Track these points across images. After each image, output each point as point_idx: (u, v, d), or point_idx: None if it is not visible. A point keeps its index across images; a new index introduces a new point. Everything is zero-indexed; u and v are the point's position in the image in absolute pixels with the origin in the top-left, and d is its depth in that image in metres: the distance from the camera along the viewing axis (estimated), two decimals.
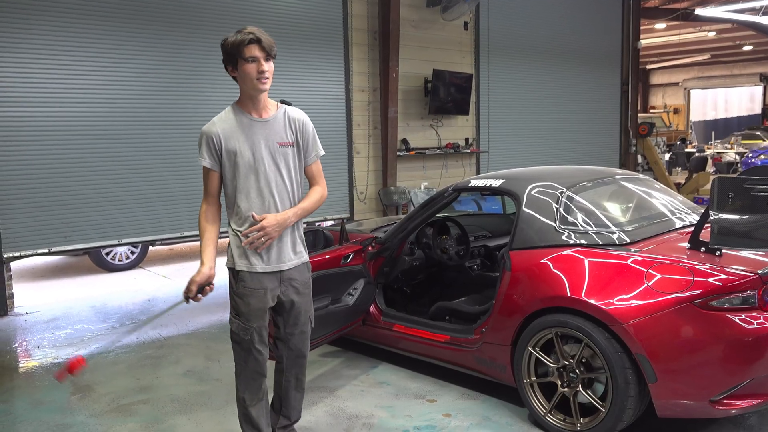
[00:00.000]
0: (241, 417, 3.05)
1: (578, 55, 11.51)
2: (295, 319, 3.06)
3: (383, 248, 4.43)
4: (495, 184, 4.11)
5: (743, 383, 2.99)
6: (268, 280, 2.92)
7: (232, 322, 2.95)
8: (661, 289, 3.09)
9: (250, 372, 2.97)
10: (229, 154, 2.85)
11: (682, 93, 29.04)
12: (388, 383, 4.19)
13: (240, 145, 2.85)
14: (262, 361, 2.97)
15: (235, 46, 2.75)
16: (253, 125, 2.88)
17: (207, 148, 2.85)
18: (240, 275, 2.90)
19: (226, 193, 2.93)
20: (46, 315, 6.05)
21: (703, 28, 18.24)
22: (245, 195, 2.88)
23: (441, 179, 9.72)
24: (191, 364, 4.67)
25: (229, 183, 2.90)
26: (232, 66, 2.81)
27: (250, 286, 2.89)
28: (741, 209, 3.20)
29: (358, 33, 8.64)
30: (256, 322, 2.91)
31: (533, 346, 3.47)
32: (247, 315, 2.90)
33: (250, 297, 2.89)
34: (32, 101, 6.21)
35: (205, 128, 2.87)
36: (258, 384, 3.00)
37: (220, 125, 2.86)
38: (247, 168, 2.86)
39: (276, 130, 2.91)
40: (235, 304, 2.93)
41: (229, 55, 2.79)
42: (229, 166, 2.87)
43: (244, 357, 2.96)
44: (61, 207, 6.41)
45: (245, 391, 3.00)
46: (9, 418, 3.85)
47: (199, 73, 7.20)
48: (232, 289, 2.94)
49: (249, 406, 3.00)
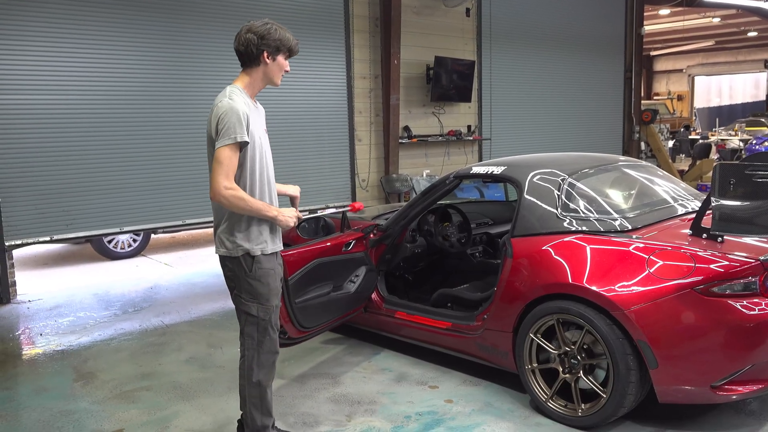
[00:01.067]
0: (254, 403, 3.04)
1: (581, 41, 11.44)
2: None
3: (385, 235, 4.43)
4: (497, 171, 4.09)
5: (744, 369, 2.99)
6: (276, 260, 3.04)
7: (250, 307, 2.96)
8: (662, 276, 3.09)
9: (267, 352, 3.02)
10: (252, 134, 2.87)
11: (686, 79, 28.86)
12: (390, 370, 4.20)
13: (256, 128, 2.93)
14: (276, 340, 3.06)
15: (287, 43, 2.93)
16: (257, 111, 3.02)
17: (241, 124, 2.78)
18: (257, 258, 2.94)
19: (243, 176, 2.88)
20: (48, 303, 6.08)
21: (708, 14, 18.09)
22: (259, 178, 2.95)
23: (443, 167, 9.70)
24: (193, 351, 4.69)
25: (247, 167, 2.88)
26: (272, 55, 2.91)
27: (266, 266, 2.96)
28: (743, 196, 3.19)
29: (359, 19, 8.59)
30: (275, 300, 3.01)
31: (535, 332, 3.47)
32: (267, 295, 2.97)
33: (269, 277, 2.97)
34: (34, 89, 6.20)
35: (238, 105, 2.81)
36: (273, 363, 3.06)
37: (244, 105, 2.85)
38: (260, 152, 2.95)
39: (262, 118, 3.09)
40: (251, 288, 2.95)
41: (275, 46, 2.90)
42: (251, 149, 2.88)
43: (259, 338, 3.00)
44: (62, 195, 6.42)
45: (260, 372, 3.01)
46: (12, 405, 3.87)
47: (200, 61, 7.17)
48: (246, 274, 2.93)
49: (266, 388, 3.05)
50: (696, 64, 28.30)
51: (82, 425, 3.57)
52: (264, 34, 2.87)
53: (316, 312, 3.92)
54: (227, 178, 2.77)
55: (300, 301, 3.79)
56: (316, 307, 3.91)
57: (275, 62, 2.93)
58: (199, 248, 8.50)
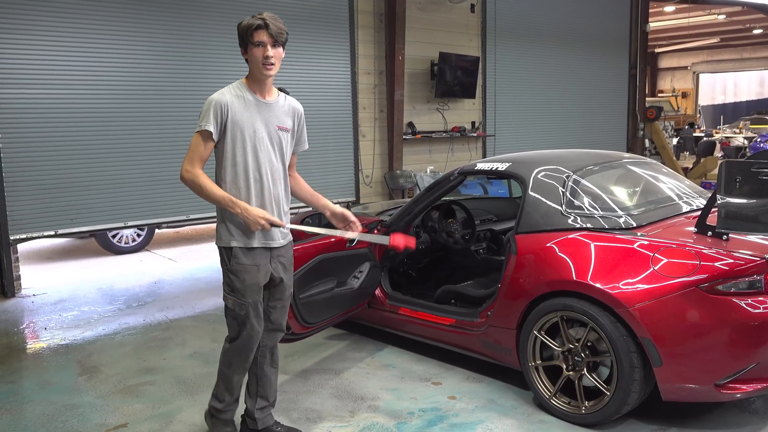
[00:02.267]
0: (222, 378, 3.11)
1: (586, 37, 11.41)
2: (280, 293, 3.14)
3: (389, 231, 4.43)
4: (501, 168, 4.08)
5: (748, 367, 2.98)
6: (260, 256, 2.98)
7: (227, 299, 3.01)
8: (667, 274, 3.08)
9: (242, 346, 3.02)
10: (234, 126, 2.89)
11: (690, 77, 28.75)
12: (394, 366, 4.20)
13: (245, 120, 2.92)
14: (255, 336, 3.03)
15: (245, 30, 2.87)
16: (259, 105, 2.97)
17: (214, 115, 2.86)
18: (234, 252, 2.94)
19: (223, 165, 2.93)
20: (53, 297, 6.09)
21: (713, 11, 18.00)
22: (243, 170, 2.93)
23: (447, 163, 9.69)
24: (197, 346, 4.70)
25: (228, 158, 2.92)
26: (244, 48, 2.92)
27: (243, 262, 2.94)
28: (748, 193, 3.18)
29: (363, 15, 8.57)
30: (250, 297, 2.97)
31: (539, 329, 3.47)
32: (242, 291, 2.95)
33: (244, 273, 2.94)
34: (39, 84, 6.20)
35: (216, 96, 2.90)
36: (247, 356, 3.07)
37: (229, 97, 2.91)
38: (248, 145, 2.92)
39: (276, 114, 3.02)
40: (230, 281, 2.98)
41: (241, 38, 2.91)
42: (231, 140, 2.90)
43: (237, 330, 3.01)
44: (67, 189, 6.42)
45: (234, 358, 3.05)
46: (17, 399, 3.88)
47: (205, 56, 7.17)
48: (226, 266, 2.99)
49: (235, 372, 3.08)
50: (701, 62, 28.19)
51: (86, 419, 3.58)
52: (237, 32, 2.91)
53: (319, 308, 3.92)
54: (190, 163, 2.86)
55: (304, 297, 3.80)
56: (320, 303, 3.92)
57: (250, 55, 2.90)
58: (203, 243, 8.51)
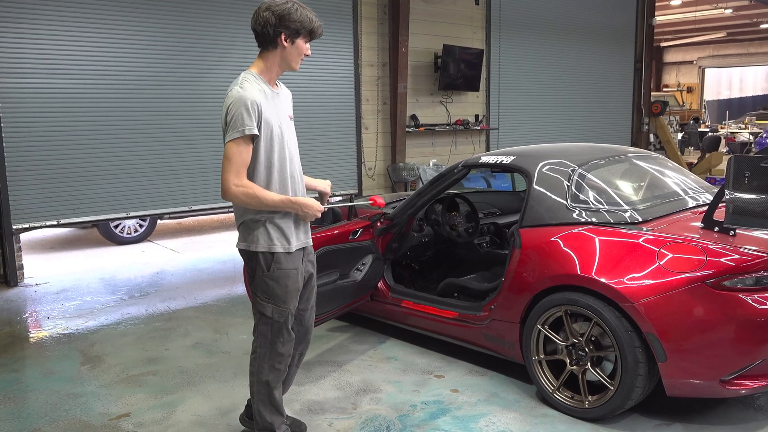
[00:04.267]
0: (262, 400, 2.94)
1: (591, 31, 11.34)
2: (309, 293, 3.06)
3: (392, 224, 4.41)
4: (506, 161, 4.06)
5: (754, 364, 2.97)
6: (299, 258, 2.86)
7: (265, 307, 2.82)
8: (673, 269, 3.06)
9: (278, 355, 2.88)
10: (266, 125, 2.68)
11: (696, 71, 28.61)
12: (396, 358, 4.20)
13: (272, 116, 2.72)
14: (290, 342, 2.91)
15: (308, 25, 2.71)
16: (276, 97, 2.81)
17: (250, 115, 2.59)
18: (276, 257, 2.77)
19: (257, 169, 2.71)
20: (55, 286, 6.09)
21: (720, 5, 17.89)
22: (278, 169, 2.76)
23: (450, 156, 9.66)
24: (200, 336, 4.70)
25: (262, 159, 2.70)
26: (290, 38, 2.70)
27: (285, 267, 2.79)
28: (757, 189, 3.15)
29: (367, 6, 8.52)
30: (291, 303, 2.85)
31: (542, 323, 3.45)
32: (284, 297, 2.81)
33: (287, 279, 2.80)
34: (42, 73, 6.18)
35: (247, 94, 2.61)
36: (284, 366, 2.93)
37: (257, 93, 2.67)
38: (279, 142, 2.75)
39: (285, 104, 2.90)
40: (268, 288, 2.80)
41: (294, 28, 2.68)
42: (265, 140, 2.69)
43: (272, 339, 2.85)
44: (70, 179, 6.42)
45: (270, 374, 2.89)
46: (20, 387, 3.89)
47: (209, 45, 7.13)
48: (264, 273, 2.78)
49: (274, 389, 2.92)
50: (707, 56, 28.04)
51: (89, 408, 3.58)
52: (283, 14, 2.64)
53: (322, 300, 3.91)
54: (237, 175, 2.60)
55: None
56: (323, 295, 3.90)
57: (294, 46, 2.70)
58: (206, 234, 8.51)
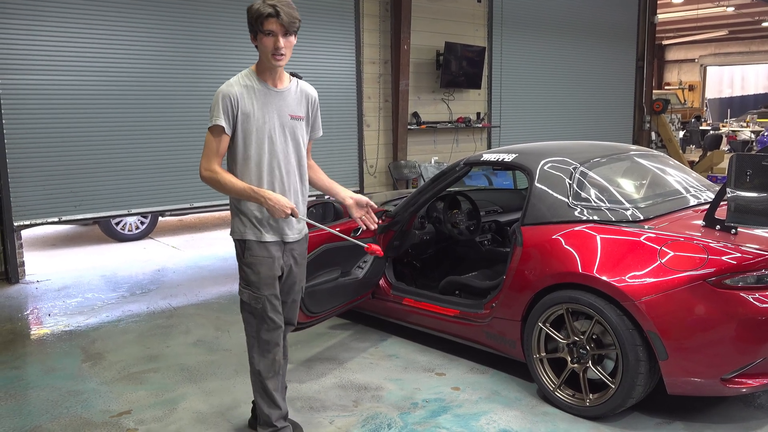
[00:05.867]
0: (258, 391, 2.98)
1: (593, 28, 11.32)
2: (290, 288, 3.07)
3: (393, 222, 4.41)
4: (507, 159, 4.06)
5: (755, 362, 2.97)
6: (275, 248, 2.92)
7: (242, 293, 2.92)
8: (674, 267, 3.06)
9: (264, 342, 2.92)
10: (244, 118, 2.80)
11: (698, 69, 28.55)
12: (397, 356, 4.20)
13: (255, 111, 2.82)
14: (275, 330, 2.92)
15: (255, 18, 2.73)
16: (269, 94, 2.86)
17: (224, 109, 2.77)
18: (248, 245, 2.88)
19: (235, 160, 2.86)
20: (56, 283, 6.10)
21: (722, 3, 17.84)
22: (256, 164, 2.85)
23: (452, 154, 9.65)
24: (201, 334, 4.70)
25: (240, 151, 2.84)
26: (253, 35, 2.79)
27: (258, 254, 2.87)
28: (759, 187, 3.15)
29: (369, 3, 8.51)
30: (267, 290, 2.89)
31: (543, 321, 3.45)
32: (258, 284, 2.88)
33: (260, 265, 2.88)
34: (43, 70, 6.18)
35: (224, 88, 2.79)
36: (273, 355, 2.94)
37: (237, 88, 2.80)
38: (259, 136, 2.83)
39: (288, 102, 2.91)
40: (245, 274, 2.91)
41: (250, 25, 2.77)
42: (242, 132, 2.82)
43: (256, 327, 2.91)
44: (71, 176, 6.42)
45: (260, 362, 2.94)
46: (21, 384, 3.89)
47: (210, 43, 7.13)
48: (241, 260, 2.92)
49: (266, 378, 2.94)
50: (708, 54, 27.98)
51: (90, 405, 3.58)
52: (247, 17, 2.78)
53: (323, 297, 3.91)
54: (208, 161, 2.80)
55: (308, 286, 3.78)
56: (324, 293, 3.91)
57: (261, 43, 2.77)
58: (207, 232, 8.51)
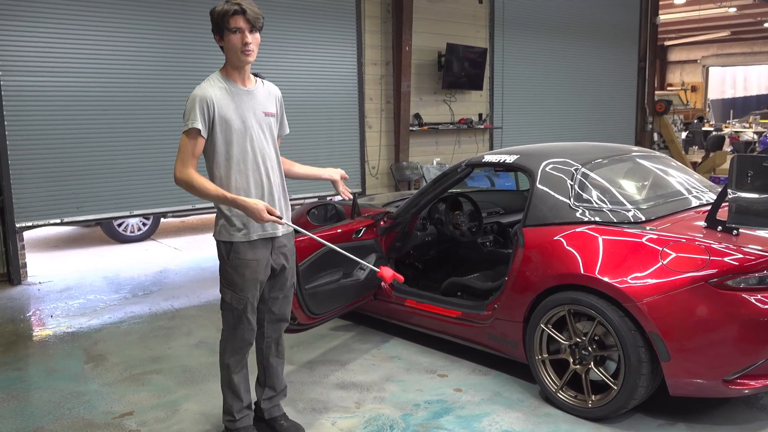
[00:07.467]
0: (224, 383, 3.08)
1: (595, 29, 11.32)
2: (282, 284, 3.10)
3: (395, 223, 4.41)
4: (509, 160, 4.06)
5: (757, 363, 2.96)
6: (262, 249, 2.92)
7: (225, 292, 2.96)
8: (676, 268, 3.06)
9: (239, 340, 3.00)
10: (221, 120, 2.80)
11: (700, 70, 28.54)
12: (399, 358, 4.20)
13: (231, 113, 2.83)
14: (251, 330, 3.00)
15: (220, 16, 2.77)
16: (241, 94, 2.88)
17: (200, 112, 2.76)
18: (234, 247, 2.88)
19: (216, 163, 2.85)
20: (59, 285, 6.11)
21: (724, 4, 17.84)
22: (238, 164, 2.85)
23: (453, 155, 9.65)
24: (203, 335, 4.70)
25: (221, 152, 2.84)
26: (219, 36, 2.83)
27: (243, 257, 2.88)
28: (760, 188, 3.15)
29: (370, 5, 8.52)
30: (249, 292, 2.93)
31: (545, 323, 3.45)
32: (241, 286, 2.91)
33: (244, 268, 2.89)
34: (45, 72, 6.19)
35: (199, 92, 2.79)
36: (244, 352, 3.04)
37: (211, 90, 2.81)
38: (240, 137, 2.85)
39: (260, 100, 2.95)
40: (228, 276, 2.93)
41: (216, 25, 2.80)
42: (221, 134, 2.82)
43: (233, 324, 2.97)
44: (73, 178, 6.43)
45: (231, 357, 3.02)
46: (24, 385, 3.90)
47: (211, 46, 7.11)
48: (224, 261, 2.93)
49: (233, 372, 3.04)
50: (711, 55, 27.96)
51: (92, 407, 3.59)
52: (210, 19, 2.80)
53: (325, 298, 3.92)
54: (183, 164, 2.80)
55: (310, 288, 3.79)
56: (326, 294, 3.91)
57: (226, 42, 2.80)
58: (208, 233, 8.51)
